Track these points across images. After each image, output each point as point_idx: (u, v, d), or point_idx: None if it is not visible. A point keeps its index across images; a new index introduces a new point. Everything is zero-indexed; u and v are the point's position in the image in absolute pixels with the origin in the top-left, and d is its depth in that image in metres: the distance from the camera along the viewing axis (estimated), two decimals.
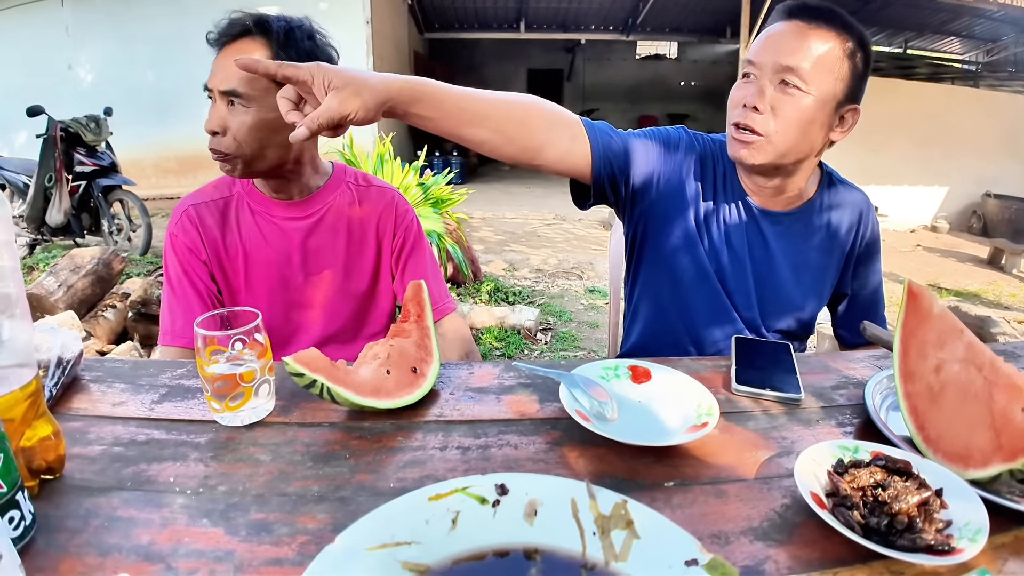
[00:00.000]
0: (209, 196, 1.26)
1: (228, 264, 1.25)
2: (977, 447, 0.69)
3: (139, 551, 0.57)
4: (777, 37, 1.09)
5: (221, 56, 1.12)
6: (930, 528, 0.58)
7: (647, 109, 16.04)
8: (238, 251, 1.24)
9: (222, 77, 1.10)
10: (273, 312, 1.26)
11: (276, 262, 1.25)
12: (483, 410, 0.84)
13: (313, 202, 1.28)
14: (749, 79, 1.12)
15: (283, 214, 1.26)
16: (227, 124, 1.11)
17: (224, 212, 1.25)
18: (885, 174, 8.65)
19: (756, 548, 0.58)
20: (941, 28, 11.04)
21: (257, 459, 0.72)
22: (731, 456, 0.74)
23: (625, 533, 0.48)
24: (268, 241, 1.25)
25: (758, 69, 1.09)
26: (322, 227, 1.28)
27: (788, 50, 1.06)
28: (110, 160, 5.44)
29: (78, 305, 3.35)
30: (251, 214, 1.26)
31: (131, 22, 8.79)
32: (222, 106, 1.11)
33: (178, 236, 1.23)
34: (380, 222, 1.32)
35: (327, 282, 1.29)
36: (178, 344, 1.20)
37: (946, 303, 3.98)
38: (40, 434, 0.66)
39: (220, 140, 1.12)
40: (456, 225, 4.16)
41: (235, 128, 1.11)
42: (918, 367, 0.79)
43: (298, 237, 1.26)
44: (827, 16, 1.07)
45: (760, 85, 1.09)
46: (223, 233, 1.24)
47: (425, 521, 0.49)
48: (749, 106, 1.09)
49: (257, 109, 1.11)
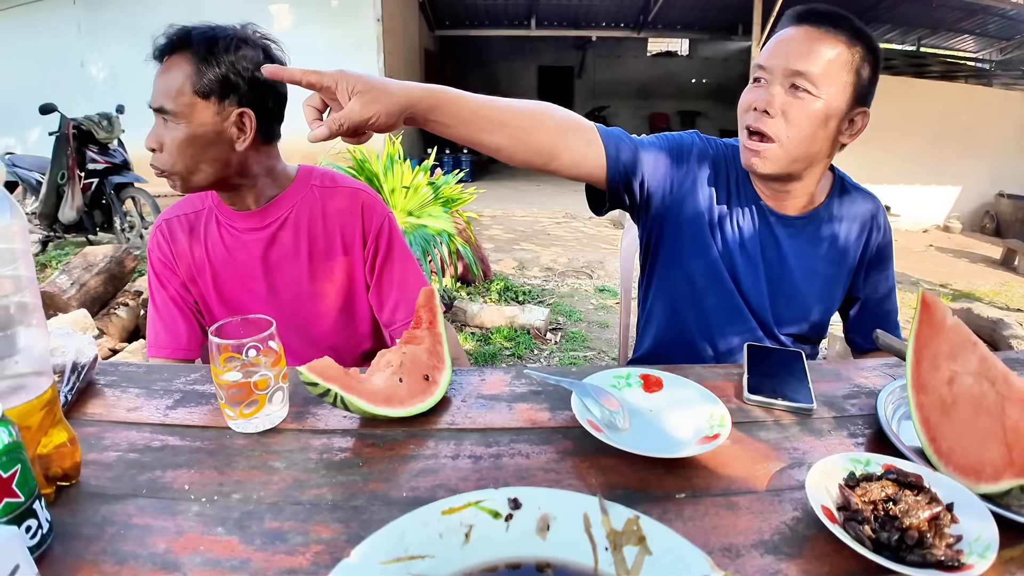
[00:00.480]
0: (182, 210, 1.27)
1: (199, 277, 1.26)
2: (989, 461, 0.69)
3: (155, 559, 0.58)
4: (787, 42, 1.09)
5: (158, 74, 1.13)
6: (940, 544, 0.58)
7: (658, 106, 15.99)
8: (205, 265, 1.25)
9: (153, 95, 1.11)
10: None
11: (241, 274, 1.25)
12: (495, 418, 0.85)
13: (271, 210, 1.24)
14: (760, 83, 1.12)
15: (243, 225, 1.24)
16: (163, 140, 1.11)
17: (194, 225, 1.26)
18: (898, 173, 8.59)
19: (767, 562, 0.58)
20: (955, 26, 10.94)
21: (271, 467, 0.73)
22: (742, 467, 0.74)
23: (637, 549, 0.48)
24: (231, 253, 1.24)
25: (768, 73, 1.10)
26: (282, 236, 1.24)
27: (799, 55, 1.06)
28: (122, 158, 5.49)
29: (91, 303, 3.38)
30: (217, 226, 1.25)
31: (143, 19, 8.78)
32: (159, 123, 1.12)
33: (154, 251, 1.26)
34: (346, 228, 1.26)
35: (297, 292, 1.27)
36: (164, 356, 1.23)
37: (958, 305, 3.95)
38: (56, 441, 0.67)
39: (157, 156, 1.13)
40: (466, 224, 4.17)
41: (168, 144, 1.11)
42: (931, 378, 0.78)
43: (258, 248, 1.24)
44: (837, 21, 1.08)
45: (771, 89, 1.09)
46: (191, 247, 1.25)
47: (439, 535, 0.50)
48: (760, 109, 1.09)
49: (186, 125, 1.10)
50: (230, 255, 1.24)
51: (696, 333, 1.29)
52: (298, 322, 1.28)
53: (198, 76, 1.10)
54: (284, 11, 8.91)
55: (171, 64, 1.11)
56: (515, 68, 16.03)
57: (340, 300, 1.29)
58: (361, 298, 1.31)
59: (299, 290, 1.26)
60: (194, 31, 1.13)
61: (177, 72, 1.10)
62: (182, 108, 1.10)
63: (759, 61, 1.12)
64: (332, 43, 8.55)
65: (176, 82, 1.09)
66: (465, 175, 4.43)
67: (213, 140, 1.13)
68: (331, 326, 1.31)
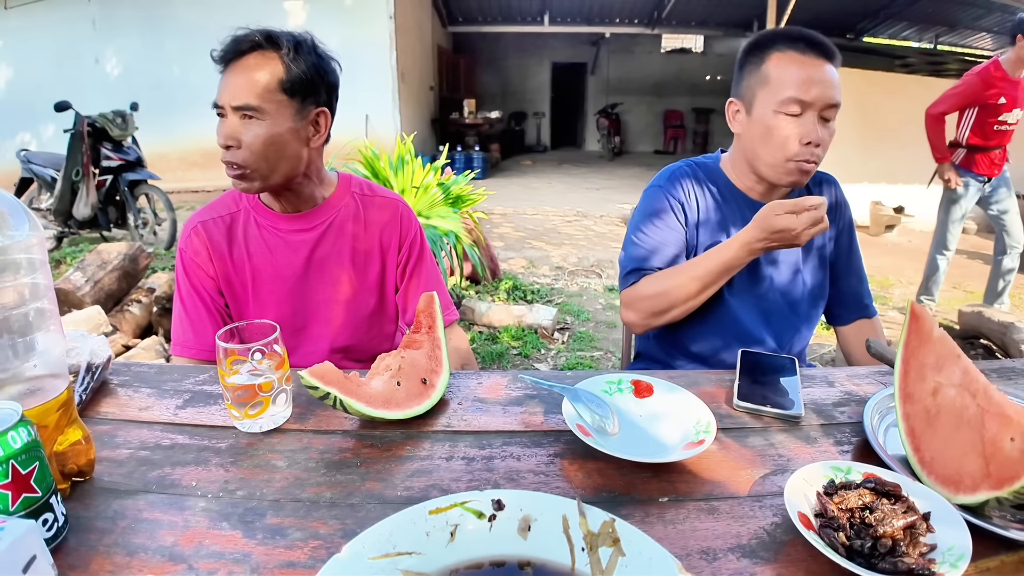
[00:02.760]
0: (216, 212, 1.29)
1: (236, 278, 1.28)
2: (967, 472, 0.70)
3: (164, 552, 0.61)
4: (820, 75, 1.20)
5: (231, 72, 1.14)
6: (914, 552, 0.60)
7: (672, 103, 15.89)
8: (245, 265, 1.27)
9: (234, 93, 1.12)
10: (281, 325, 1.29)
11: (283, 275, 1.28)
12: (489, 421, 0.88)
13: (318, 214, 1.30)
14: (799, 115, 1.21)
15: (289, 227, 1.28)
16: (240, 137, 1.13)
17: (231, 227, 1.28)
18: (912, 172, 8.47)
19: (742, 565, 0.61)
20: (973, 24, 10.80)
21: (274, 465, 0.76)
22: (726, 473, 0.77)
23: (612, 550, 0.51)
24: (274, 254, 1.27)
25: (809, 107, 1.20)
26: (327, 238, 1.30)
27: (831, 86, 1.20)
28: (136, 155, 5.56)
29: (104, 300, 3.44)
30: (257, 228, 1.28)
31: (157, 16, 8.94)
32: (235, 120, 1.13)
33: (187, 252, 1.27)
34: (384, 234, 1.34)
35: (333, 293, 1.31)
36: (188, 356, 1.25)
37: (969, 308, 3.92)
38: (71, 439, 0.71)
39: (235, 152, 1.14)
40: (475, 224, 4.19)
41: (249, 141, 1.13)
42: (917, 389, 0.80)
43: (304, 249, 1.29)
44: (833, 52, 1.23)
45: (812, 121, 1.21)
46: (230, 248, 1.27)
47: (425, 533, 0.53)
48: (814, 143, 1.21)
49: (271, 122, 1.14)
50: (273, 256, 1.28)
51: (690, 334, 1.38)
52: (328, 321, 1.32)
53: (287, 74, 1.14)
54: (298, 8, 8.98)
55: (256, 62, 1.13)
56: (528, 64, 15.99)
57: (373, 302, 1.35)
58: (390, 301, 1.38)
59: (337, 291, 1.31)
60: (279, 32, 1.17)
61: (265, 70, 1.13)
62: (269, 105, 1.13)
63: (796, 95, 1.19)
64: (345, 40, 8.65)
65: (264, 79, 1.13)
66: (478, 172, 4.46)
67: (292, 138, 1.17)
68: (360, 326, 1.36)
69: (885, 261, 6.25)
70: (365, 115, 8.09)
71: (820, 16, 11.65)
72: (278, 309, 1.29)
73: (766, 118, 1.23)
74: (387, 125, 9.04)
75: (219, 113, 1.15)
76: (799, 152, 1.21)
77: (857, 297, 1.43)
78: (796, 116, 1.20)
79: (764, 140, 1.24)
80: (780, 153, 1.23)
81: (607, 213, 8.10)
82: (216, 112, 1.16)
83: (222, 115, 1.15)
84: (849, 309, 1.44)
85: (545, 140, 16.61)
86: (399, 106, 9.35)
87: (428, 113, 11.74)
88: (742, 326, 1.34)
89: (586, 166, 12.98)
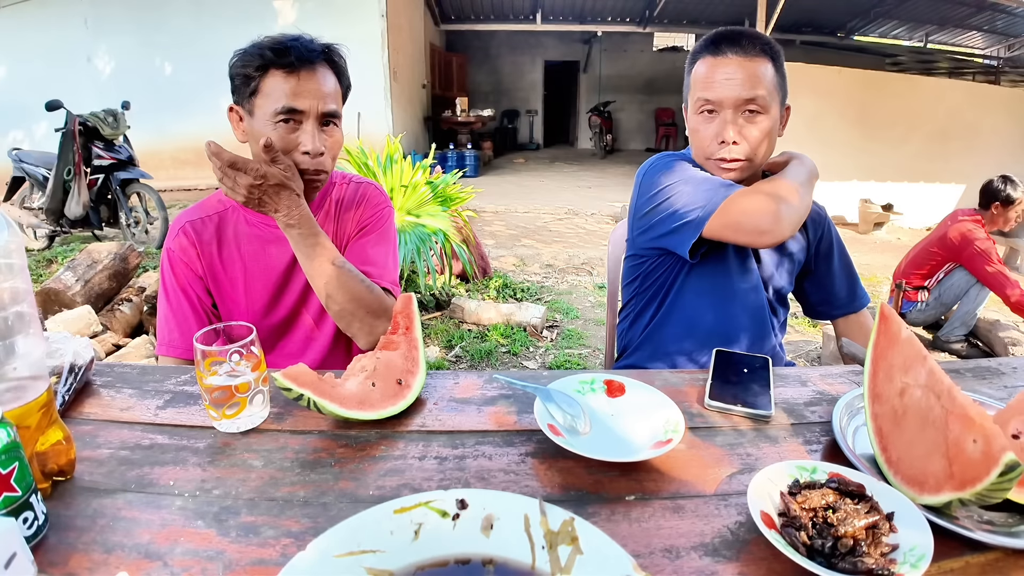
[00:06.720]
0: (204, 212, 1.30)
1: (225, 277, 1.29)
2: (932, 473, 0.71)
3: (139, 549, 0.63)
4: (725, 74, 1.23)
5: (307, 79, 1.15)
6: (875, 552, 0.60)
7: (664, 101, 15.91)
8: (236, 263, 1.28)
9: (321, 100, 1.16)
10: (274, 321, 1.31)
11: (276, 268, 1.29)
12: (464, 420, 0.90)
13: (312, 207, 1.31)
14: (713, 115, 1.26)
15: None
16: (325, 144, 1.18)
17: (220, 226, 1.29)
18: (902, 171, 8.56)
19: (704, 563, 0.62)
20: (963, 22, 10.89)
21: (250, 464, 0.78)
22: (694, 472, 0.78)
23: (570, 549, 0.52)
24: (267, 250, 1.29)
25: (719, 106, 1.25)
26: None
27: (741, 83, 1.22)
28: (128, 154, 5.56)
29: (95, 299, 3.45)
30: (247, 226, 1.29)
31: (149, 14, 8.90)
32: (314, 128, 1.16)
33: (175, 251, 1.27)
34: (355, 218, 1.36)
35: None
36: (174, 355, 1.25)
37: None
38: (52, 440, 0.72)
39: (323, 161, 1.19)
40: (464, 223, 4.20)
41: (331, 148, 1.18)
42: (885, 389, 0.81)
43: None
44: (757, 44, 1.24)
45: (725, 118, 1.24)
46: (220, 247, 1.28)
47: (390, 532, 0.55)
48: (728, 142, 1.24)
49: (340, 129, 1.21)
50: (265, 253, 1.29)
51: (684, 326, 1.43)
52: (321, 316, 1.33)
53: (341, 84, 1.24)
54: (288, 7, 8.95)
55: (321, 73, 1.18)
56: (521, 62, 16.01)
57: None
58: None
59: None
60: (335, 48, 1.23)
61: (333, 78, 1.21)
62: (340, 113, 1.22)
63: (702, 95, 1.26)
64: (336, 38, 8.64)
65: (336, 88, 1.21)
66: (469, 170, 4.45)
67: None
68: None
69: (874, 258, 6.30)
70: (357, 113, 8.07)
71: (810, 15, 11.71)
72: (271, 305, 1.30)
73: (690, 120, 1.33)
74: (379, 123, 9.03)
75: (285, 119, 1.15)
76: (716, 150, 1.27)
77: (850, 294, 1.52)
78: (711, 115, 1.27)
79: (692, 140, 1.33)
80: (701, 153, 1.31)
81: (598, 211, 8.13)
82: (281, 119, 1.15)
83: (288, 121, 1.15)
84: (840, 307, 1.53)
85: (537, 138, 16.64)
86: (391, 104, 9.35)
87: (420, 111, 11.73)
88: (718, 327, 1.38)
89: (578, 164, 13.01)
